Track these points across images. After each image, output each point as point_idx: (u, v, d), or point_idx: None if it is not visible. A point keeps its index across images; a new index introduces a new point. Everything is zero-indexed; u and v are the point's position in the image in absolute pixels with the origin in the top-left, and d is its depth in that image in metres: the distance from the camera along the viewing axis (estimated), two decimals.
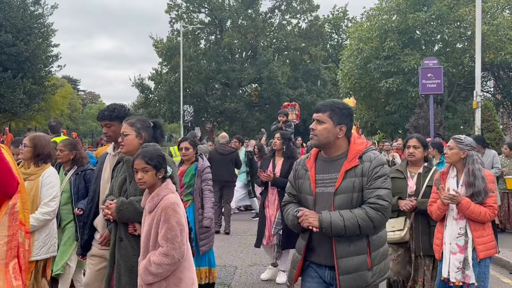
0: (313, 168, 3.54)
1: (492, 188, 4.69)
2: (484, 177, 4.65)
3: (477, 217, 4.59)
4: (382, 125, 28.31)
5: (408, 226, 5.29)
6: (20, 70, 30.20)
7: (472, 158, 4.73)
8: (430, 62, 20.49)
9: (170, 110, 45.66)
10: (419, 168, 5.44)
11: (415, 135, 5.69)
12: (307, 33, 48.14)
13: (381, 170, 3.37)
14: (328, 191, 3.41)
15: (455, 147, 4.80)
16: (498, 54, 23.90)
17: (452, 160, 4.83)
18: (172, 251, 3.52)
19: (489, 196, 4.63)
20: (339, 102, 3.64)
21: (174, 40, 46.30)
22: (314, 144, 3.50)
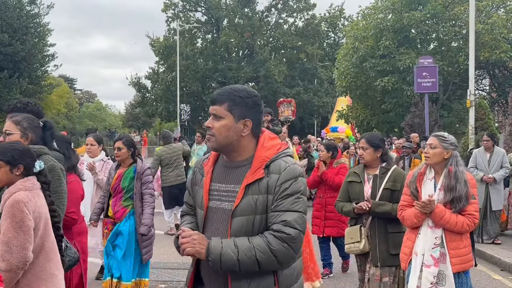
0: (210, 173, 2.67)
1: (473, 193, 4.15)
2: (466, 181, 4.09)
3: (452, 227, 4.08)
4: (378, 124, 28.39)
5: (365, 235, 4.84)
6: (17, 70, 30.24)
7: (456, 159, 4.18)
8: (425, 61, 20.61)
9: (167, 109, 45.72)
10: (377, 170, 5.00)
11: (365, 136, 5.23)
12: (304, 31, 48.20)
13: (293, 186, 2.49)
14: (224, 207, 2.57)
15: (438, 145, 4.20)
16: (493, 53, 23.98)
17: (434, 161, 4.24)
18: (7, 255, 2.94)
19: (470, 203, 4.09)
20: (241, 88, 2.70)
21: (171, 39, 46.34)
22: (212, 147, 2.61)
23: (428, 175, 4.33)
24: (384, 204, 4.80)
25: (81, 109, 69.28)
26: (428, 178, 4.32)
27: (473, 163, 9.66)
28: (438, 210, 4.05)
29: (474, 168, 9.51)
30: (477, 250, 9.01)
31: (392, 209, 4.72)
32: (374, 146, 4.95)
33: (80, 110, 67.96)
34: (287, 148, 2.67)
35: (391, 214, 4.70)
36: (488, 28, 23.66)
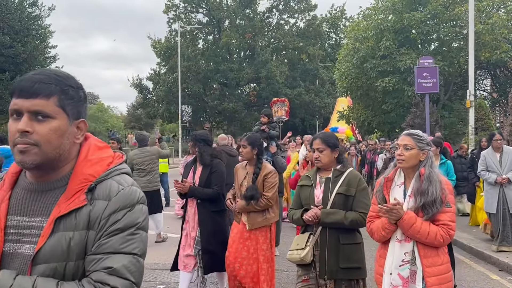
0: (6, 202, 1.79)
1: (449, 201, 3.56)
2: (441, 183, 3.54)
3: (424, 239, 3.48)
4: (379, 124, 28.37)
5: (312, 244, 4.27)
6: (18, 72, 30.31)
7: (431, 160, 3.66)
8: (425, 62, 20.57)
9: (168, 111, 45.81)
10: (330, 172, 4.43)
11: (319, 135, 4.57)
12: (305, 32, 48.29)
13: (126, 218, 1.74)
14: (23, 251, 1.71)
15: (414, 146, 3.65)
16: (493, 53, 23.96)
17: (409, 164, 3.66)
18: None
19: (444, 210, 3.50)
20: (68, 75, 1.81)
21: (172, 40, 46.43)
22: (34, 162, 1.70)
23: (397, 181, 3.74)
24: (336, 213, 4.23)
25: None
26: (397, 185, 3.72)
27: (483, 165, 9.11)
28: (407, 217, 3.47)
29: (486, 171, 9.07)
30: (475, 250, 9.06)
31: (344, 218, 4.20)
32: (331, 146, 4.41)
33: None
34: (122, 163, 1.89)
35: (344, 224, 4.19)
36: (489, 28, 23.65)
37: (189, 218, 6.02)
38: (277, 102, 23.30)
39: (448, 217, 3.52)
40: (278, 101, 23.68)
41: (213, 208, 5.91)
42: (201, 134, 6.24)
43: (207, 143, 6.12)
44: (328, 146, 4.39)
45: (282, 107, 22.66)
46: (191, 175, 6.10)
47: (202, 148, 6.02)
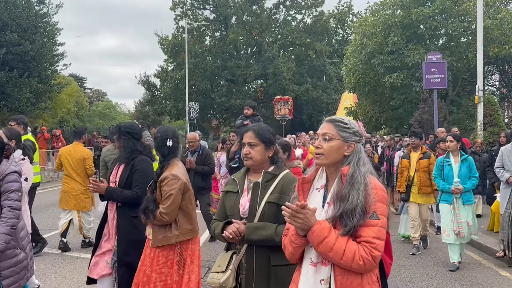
0: None
1: (377, 211, 2.58)
2: (367, 186, 2.60)
3: (338, 259, 2.52)
4: (387, 120, 28.27)
5: (235, 266, 3.41)
6: (26, 69, 30.44)
7: (359, 156, 2.74)
8: (433, 57, 20.54)
9: (176, 107, 45.87)
10: (261, 176, 3.50)
11: (252, 127, 3.61)
12: (312, 28, 48.14)
13: None
14: None
15: (335, 136, 2.74)
16: (502, 48, 23.83)
17: (330, 160, 2.73)
18: None
19: (368, 223, 2.55)
20: None
21: (179, 37, 46.45)
22: None
23: (316, 184, 2.81)
24: (264, 227, 3.36)
25: (91, 108, 69.55)
26: (316, 188, 2.79)
27: (500, 162, 8.56)
28: (318, 228, 2.52)
29: (501, 168, 8.53)
30: (484, 246, 9.00)
31: (275, 233, 3.31)
32: (265, 142, 3.53)
33: (90, 109, 68.24)
34: None
35: (275, 241, 3.27)
36: (497, 23, 23.52)
37: (109, 224, 5.25)
38: (280, 101, 22.74)
39: (373, 233, 2.53)
40: (282, 99, 23.02)
41: (134, 213, 4.88)
42: (126, 126, 5.36)
43: (133, 136, 5.22)
44: (262, 141, 3.51)
45: (285, 106, 22.24)
46: (114, 173, 5.30)
47: (125, 142, 5.21)
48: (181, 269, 4.59)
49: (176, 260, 4.58)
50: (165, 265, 4.55)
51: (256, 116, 9.50)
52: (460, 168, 8.06)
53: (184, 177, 4.65)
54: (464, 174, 8.01)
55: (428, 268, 8.09)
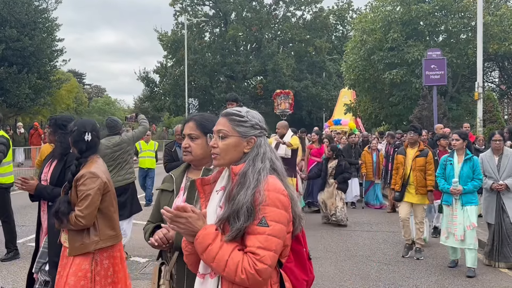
0: None
1: (268, 216, 2.19)
2: (260, 184, 2.24)
3: (221, 271, 2.18)
4: (386, 117, 28.26)
5: (167, 278, 2.89)
6: (25, 65, 30.40)
7: (257, 151, 2.39)
8: (433, 53, 20.48)
9: (175, 103, 45.87)
10: (200, 173, 2.99)
11: (194, 116, 3.06)
12: (312, 24, 48.11)
13: None
14: None
15: (231, 132, 2.41)
16: (502, 45, 23.83)
17: (227, 159, 2.40)
18: None
19: (254, 230, 2.19)
20: None
21: (179, 33, 46.44)
22: None
23: (218, 185, 2.47)
24: None
25: (90, 104, 69.55)
26: (216, 190, 2.45)
27: (481, 169, 7.91)
28: (202, 234, 2.21)
29: None
30: (483, 243, 8.92)
31: None
32: (204, 131, 3.00)
33: (90, 105, 68.22)
34: None
35: None
36: (497, 20, 23.51)
37: (43, 225, 4.81)
38: (281, 95, 22.30)
39: (259, 242, 2.17)
40: (282, 93, 22.55)
41: None
42: (64, 118, 4.93)
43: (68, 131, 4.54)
44: (204, 134, 2.96)
45: (286, 100, 21.81)
46: (46, 170, 4.84)
47: (62, 136, 4.72)
48: (103, 280, 4.04)
49: (96, 270, 4.03)
50: (84, 277, 3.95)
51: None
52: (462, 168, 7.59)
53: (104, 176, 4.14)
54: (466, 174, 7.54)
55: (427, 264, 8.09)
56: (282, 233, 2.22)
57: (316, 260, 8.22)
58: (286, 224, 2.25)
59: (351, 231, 10.78)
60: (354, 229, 11.02)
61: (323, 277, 7.19)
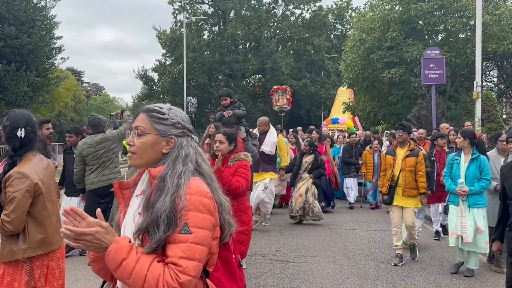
0: None
1: (191, 222, 2.01)
2: (181, 188, 2.05)
3: (139, 287, 1.95)
4: (385, 116, 28.26)
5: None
6: (24, 63, 30.33)
7: (178, 152, 2.18)
8: (432, 53, 20.52)
9: (173, 102, 45.76)
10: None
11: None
12: (311, 23, 48.07)
13: None
14: None
15: (149, 129, 2.21)
16: (500, 44, 23.84)
17: (145, 159, 2.19)
18: None
19: (175, 239, 2.00)
20: None
21: (178, 32, 46.40)
22: None
23: (137, 189, 2.25)
24: None
25: (89, 102, 69.49)
26: (136, 195, 2.23)
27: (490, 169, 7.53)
28: (114, 248, 1.96)
29: None
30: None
31: None
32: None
33: (88, 103, 68.17)
34: None
35: None
36: (496, 19, 23.52)
37: None
38: (278, 91, 21.99)
39: (181, 251, 1.98)
40: (280, 89, 22.24)
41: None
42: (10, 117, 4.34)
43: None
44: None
45: (283, 96, 21.51)
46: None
47: None
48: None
49: (25, 280, 3.64)
50: (10, 286, 3.61)
51: (235, 103, 8.17)
52: (468, 168, 7.25)
53: (36, 176, 3.70)
54: (473, 174, 7.17)
55: (426, 263, 8.09)
56: (207, 240, 2.05)
57: (314, 259, 8.22)
58: (211, 230, 2.08)
59: (350, 230, 10.78)
60: (352, 228, 11.02)
61: (321, 276, 7.20)
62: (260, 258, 8.16)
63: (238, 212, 5.37)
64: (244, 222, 5.73)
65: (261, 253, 8.56)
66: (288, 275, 7.22)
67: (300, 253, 8.59)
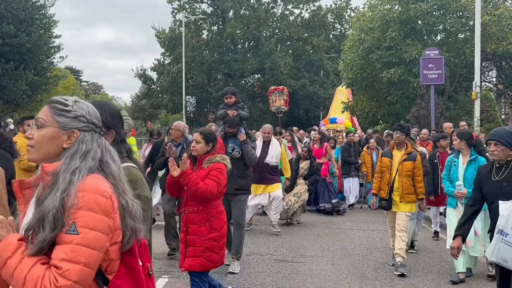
0: None
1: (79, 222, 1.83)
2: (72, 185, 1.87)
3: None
4: (384, 115, 28.25)
5: None
6: (22, 61, 30.32)
7: (78, 147, 2.00)
8: (431, 53, 20.55)
9: (172, 101, 45.82)
10: None
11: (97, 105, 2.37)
12: (310, 23, 48.06)
13: None
14: None
15: (50, 122, 2.03)
16: (500, 44, 23.83)
17: (42, 154, 2.03)
18: None
19: (61, 239, 1.83)
20: None
21: (177, 31, 46.37)
22: None
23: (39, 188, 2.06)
24: None
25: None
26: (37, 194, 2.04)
27: None
28: (2, 245, 1.85)
29: None
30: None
31: None
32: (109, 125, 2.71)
33: None
34: None
35: None
36: (495, 19, 23.52)
37: None
38: (275, 91, 21.88)
39: (64, 253, 1.81)
40: (276, 89, 22.13)
41: None
42: None
43: None
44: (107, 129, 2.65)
45: (280, 96, 21.40)
46: None
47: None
48: None
49: None
50: None
51: (239, 103, 7.79)
52: (466, 170, 6.99)
53: None
54: (471, 176, 6.64)
55: (424, 263, 8.08)
56: (99, 243, 1.85)
57: (312, 258, 8.22)
58: (107, 232, 1.88)
59: (348, 230, 10.78)
60: (351, 228, 11.02)
61: (320, 276, 7.19)
62: (259, 258, 8.15)
63: (209, 217, 5.16)
64: (216, 228, 5.20)
65: (260, 252, 8.55)
66: (287, 275, 7.21)
67: (298, 253, 8.58)
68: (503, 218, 4.33)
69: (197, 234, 5.08)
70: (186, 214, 5.21)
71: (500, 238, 4.33)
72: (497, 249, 4.35)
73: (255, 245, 9.00)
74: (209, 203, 5.15)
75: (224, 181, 5.20)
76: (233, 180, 6.78)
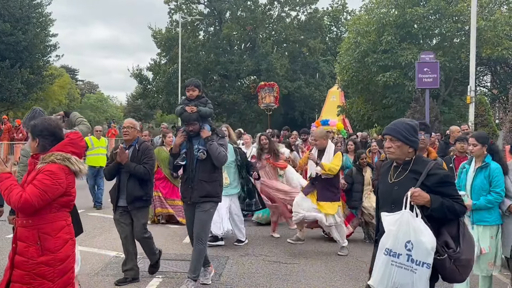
0: None
1: None
2: None
3: None
4: (379, 119, 28.36)
5: None
6: (18, 60, 30.28)
7: None
8: (426, 57, 20.61)
9: (168, 101, 45.85)
10: None
11: None
12: (306, 25, 48.17)
13: None
14: None
15: None
16: (495, 50, 23.98)
17: None
18: None
19: None
20: None
21: (173, 31, 46.40)
22: None
23: None
24: None
25: (83, 100, 69.27)
26: None
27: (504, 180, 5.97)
28: None
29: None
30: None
31: None
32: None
33: (82, 101, 67.96)
34: None
35: None
36: (491, 25, 23.66)
37: None
38: (265, 87, 21.13)
39: None
40: (266, 85, 21.31)
41: None
42: None
43: None
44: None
45: (270, 93, 20.74)
46: None
47: None
48: None
49: None
50: None
51: (202, 98, 6.93)
52: (474, 178, 5.95)
53: None
54: (480, 185, 5.86)
55: None
56: None
57: (307, 260, 8.25)
58: None
59: None
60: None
61: (314, 277, 7.22)
62: (253, 259, 8.18)
63: (40, 234, 3.77)
64: (49, 249, 3.80)
65: (254, 253, 8.58)
66: (281, 276, 7.24)
67: (292, 254, 8.61)
68: (391, 235, 3.64)
69: (25, 256, 3.76)
70: (17, 228, 3.89)
71: (389, 260, 3.67)
72: (387, 274, 3.69)
73: (249, 246, 9.03)
74: (41, 216, 3.78)
75: (56, 188, 3.77)
76: (199, 185, 6.20)
